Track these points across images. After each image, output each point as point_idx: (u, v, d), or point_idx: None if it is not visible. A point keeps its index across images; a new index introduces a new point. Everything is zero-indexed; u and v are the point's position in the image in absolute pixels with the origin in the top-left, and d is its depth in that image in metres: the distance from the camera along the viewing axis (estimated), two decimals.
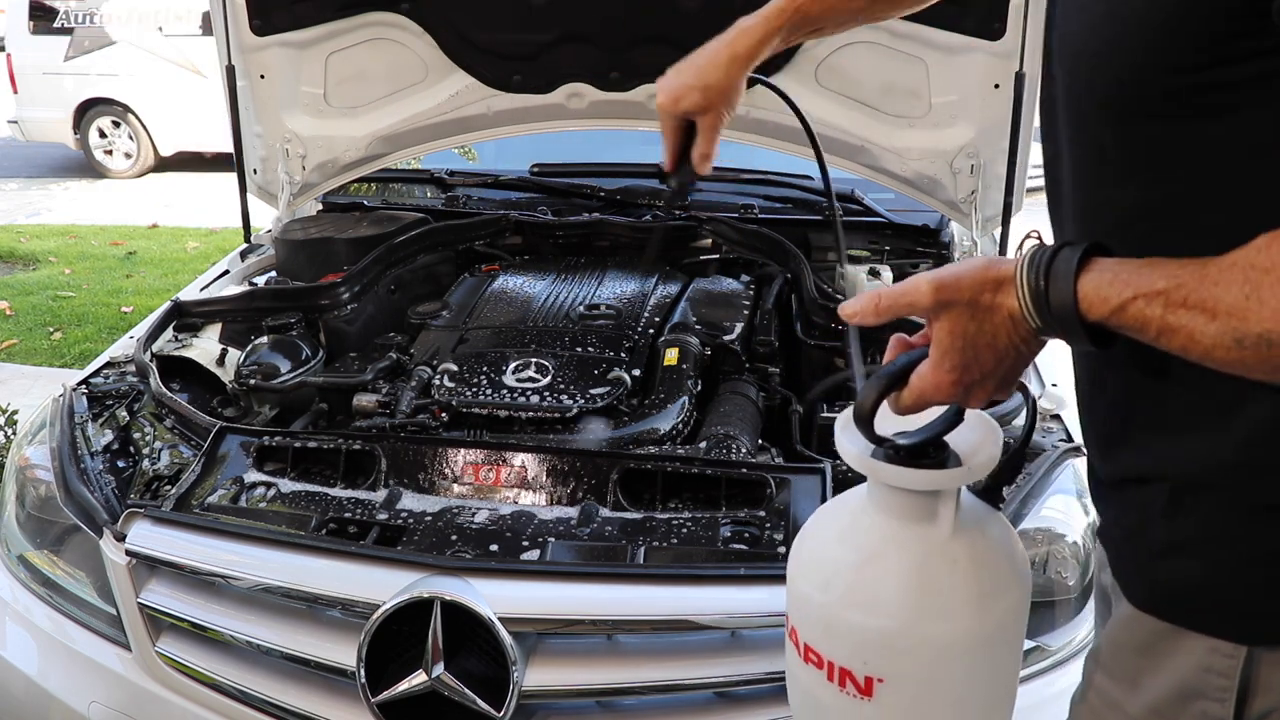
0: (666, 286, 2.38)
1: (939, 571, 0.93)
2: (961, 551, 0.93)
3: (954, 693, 0.95)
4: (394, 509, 1.57)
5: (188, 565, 1.51)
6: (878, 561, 0.94)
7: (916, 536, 0.93)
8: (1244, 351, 0.69)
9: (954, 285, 0.84)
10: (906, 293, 0.86)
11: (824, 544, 1.00)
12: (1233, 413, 0.83)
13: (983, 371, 0.85)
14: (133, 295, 5.63)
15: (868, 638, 0.93)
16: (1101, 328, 0.78)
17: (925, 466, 0.90)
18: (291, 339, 2.14)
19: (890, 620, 0.92)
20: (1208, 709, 0.88)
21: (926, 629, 0.92)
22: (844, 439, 0.94)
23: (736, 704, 1.42)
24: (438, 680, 1.36)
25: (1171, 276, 0.73)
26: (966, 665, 0.95)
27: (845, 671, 0.94)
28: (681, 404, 1.83)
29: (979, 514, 0.98)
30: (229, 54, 2.48)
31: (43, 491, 1.75)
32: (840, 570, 0.96)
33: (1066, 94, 0.90)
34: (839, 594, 0.95)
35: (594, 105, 2.49)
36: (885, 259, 2.54)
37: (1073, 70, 0.88)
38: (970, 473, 0.91)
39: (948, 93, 2.32)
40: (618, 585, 1.40)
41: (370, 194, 3.02)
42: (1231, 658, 0.86)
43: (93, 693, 1.62)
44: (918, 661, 0.93)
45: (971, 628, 0.93)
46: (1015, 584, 0.96)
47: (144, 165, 9.14)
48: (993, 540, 0.97)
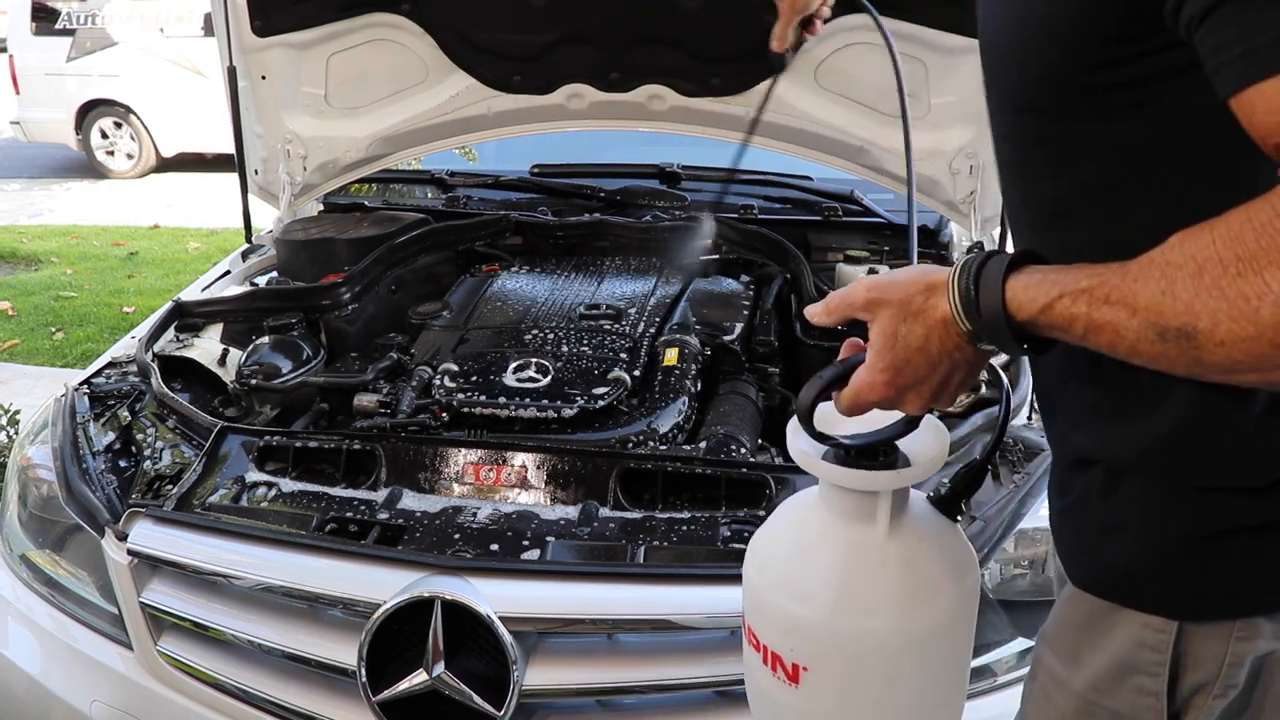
0: (666, 286, 2.39)
1: (868, 570, 0.95)
2: (894, 554, 0.95)
3: (877, 691, 0.97)
4: (395, 509, 1.58)
5: (189, 565, 1.51)
6: (811, 553, 0.97)
7: (852, 534, 0.96)
8: (1166, 344, 0.71)
9: (886, 287, 0.87)
10: (847, 294, 0.90)
11: (773, 531, 1.04)
12: (1161, 398, 0.85)
13: (915, 376, 0.87)
14: (134, 295, 5.63)
15: (793, 624, 0.96)
16: (1031, 330, 0.79)
17: (865, 468, 0.92)
18: (292, 339, 2.15)
19: (812, 610, 0.94)
20: (1143, 683, 0.91)
21: (847, 624, 0.94)
22: (794, 437, 0.96)
23: (736, 704, 1.42)
24: (438, 679, 1.36)
25: (1094, 275, 0.75)
26: (889, 665, 0.96)
27: (776, 656, 0.98)
28: (681, 404, 1.83)
29: (927, 522, 0.99)
30: (230, 55, 2.49)
31: (45, 491, 1.76)
32: (778, 556, 1.00)
33: (990, 90, 0.94)
34: (772, 578, 0.98)
35: (594, 106, 2.49)
36: (885, 259, 2.54)
37: (992, 67, 0.93)
38: (900, 477, 0.93)
39: (947, 94, 2.33)
40: (618, 585, 1.40)
41: (371, 194, 3.02)
42: (1163, 633, 0.89)
43: (95, 692, 1.62)
44: (838, 654, 0.95)
45: (895, 629, 0.94)
46: (950, 593, 0.96)
47: (145, 166, 9.14)
48: (932, 548, 0.97)
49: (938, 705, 1.02)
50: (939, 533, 0.99)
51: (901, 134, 2.41)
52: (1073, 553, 0.98)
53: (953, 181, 2.43)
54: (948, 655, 1.00)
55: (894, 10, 2.20)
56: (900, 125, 2.40)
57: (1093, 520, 0.94)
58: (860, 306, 0.88)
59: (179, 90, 8.52)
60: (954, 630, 0.99)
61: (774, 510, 1.07)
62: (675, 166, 2.85)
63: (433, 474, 1.64)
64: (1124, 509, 0.91)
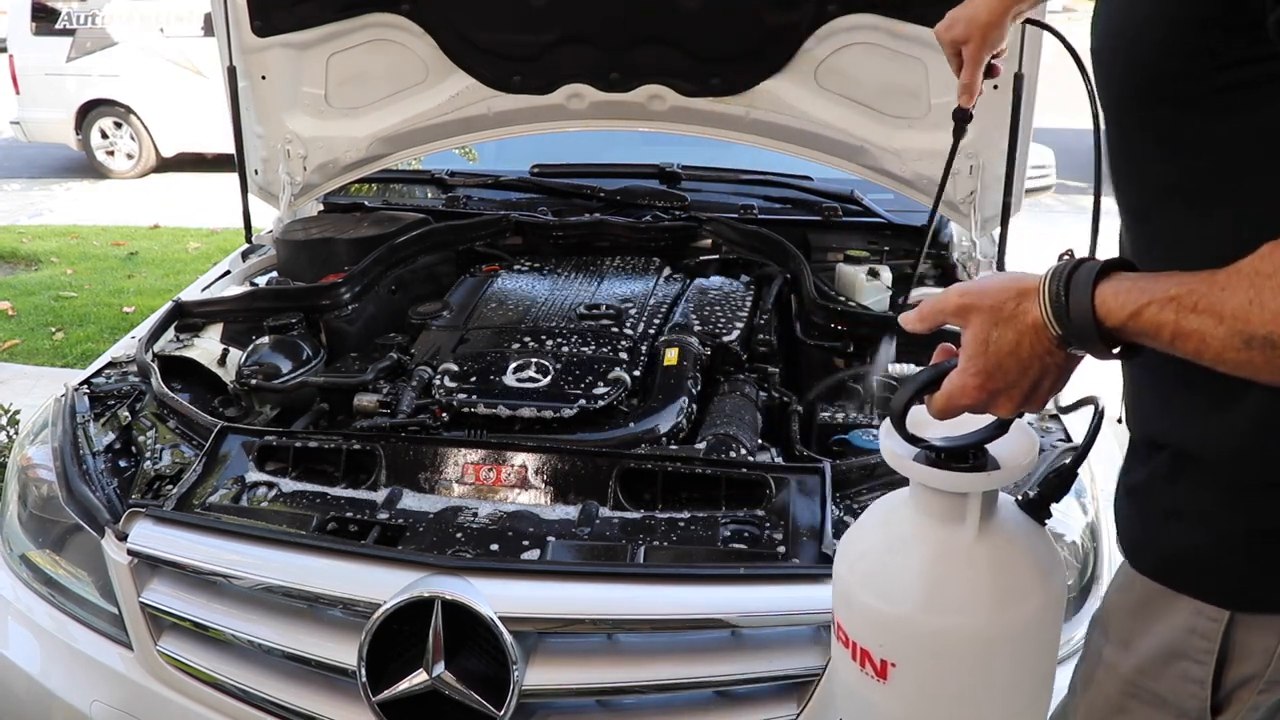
0: (666, 287, 2.39)
1: (957, 570, 0.97)
2: (984, 555, 0.97)
3: (963, 688, 0.99)
4: (395, 509, 1.58)
5: (189, 565, 1.51)
6: (901, 552, 1.00)
7: (942, 534, 0.98)
8: (1251, 353, 0.73)
9: (978, 293, 0.90)
10: (939, 300, 0.92)
11: (864, 529, 1.07)
12: (1237, 394, 0.86)
13: (1006, 380, 0.89)
14: (134, 295, 5.63)
15: (882, 621, 0.99)
16: (1120, 335, 0.82)
17: (956, 470, 0.95)
18: (292, 339, 2.15)
19: (901, 607, 0.97)
20: (1189, 670, 0.93)
21: (935, 621, 0.96)
22: (886, 438, 0.99)
23: (736, 704, 1.42)
24: (438, 679, 1.36)
25: (1183, 283, 0.77)
26: (974, 663, 0.98)
27: (865, 652, 1.00)
28: (681, 404, 1.83)
29: (1016, 524, 1.01)
30: (230, 55, 2.49)
31: (45, 491, 1.76)
32: (868, 554, 1.03)
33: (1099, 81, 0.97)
34: (861, 576, 1.01)
35: (594, 106, 2.49)
36: (884, 259, 2.54)
37: (1102, 60, 0.95)
38: (990, 479, 0.95)
39: (947, 93, 2.32)
40: (618, 585, 1.40)
41: (371, 194, 3.02)
42: (1215, 621, 0.91)
43: (95, 692, 1.62)
44: (926, 651, 0.98)
45: (982, 627, 0.96)
46: (1038, 595, 0.98)
47: (145, 166, 9.14)
48: (1020, 549, 0.99)
49: (1022, 704, 1.04)
50: (1027, 535, 1.01)
51: (901, 134, 2.43)
52: (1133, 535, 1.00)
53: (953, 181, 2.42)
54: (1033, 655, 1.02)
55: (894, 10, 2.21)
56: (900, 125, 2.42)
57: (1155, 503, 0.96)
58: (952, 312, 0.91)
59: (179, 90, 8.52)
60: (1040, 630, 1.01)
61: (867, 509, 1.09)
62: (675, 166, 2.85)
63: (433, 474, 1.64)
64: (1190, 496, 0.93)
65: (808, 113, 2.43)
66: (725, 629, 1.40)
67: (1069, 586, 1.54)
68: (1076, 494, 1.60)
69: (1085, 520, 1.57)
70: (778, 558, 1.43)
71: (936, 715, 1.01)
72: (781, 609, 1.37)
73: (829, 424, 1.84)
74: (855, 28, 2.27)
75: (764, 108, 2.42)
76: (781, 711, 1.40)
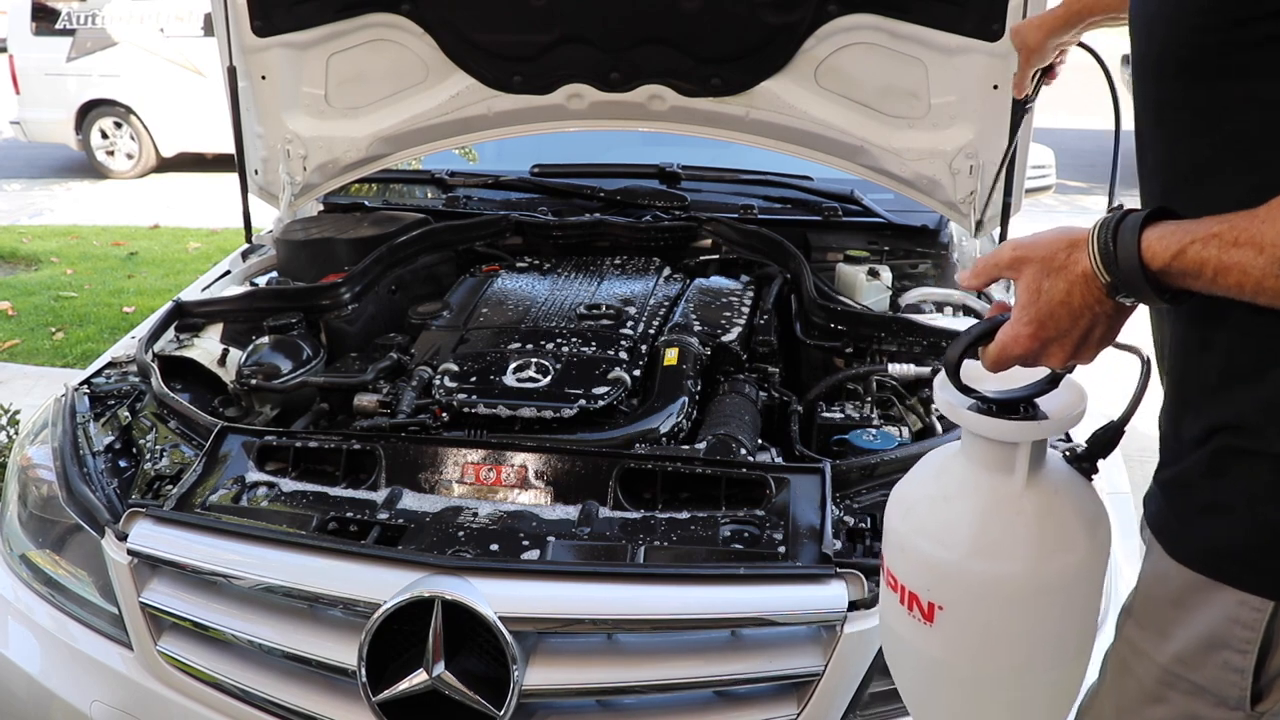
0: (666, 287, 2.39)
1: (1005, 518, 1.01)
2: (1031, 504, 1.00)
3: (1008, 632, 1.02)
4: (395, 509, 1.58)
5: (189, 565, 1.51)
6: (954, 500, 1.04)
7: (992, 483, 1.02)
8: None
9: (1030, 246, 0.92)
10: (994, 254, 0.96)
11: (916, 480, 1.11)
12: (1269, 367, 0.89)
13: (1058, 329, 0.91)
14: (134, 295, 5.63)
15: (932, 565, 1.03)
16: (1166, 279, 0.84)
17: (1007, 419, 0.98)
18: (292, 339, 2.15)
19: (952, 552, 1.01)
20: (1230, 659, 0.94)
21: (983, 566, 1.00)
22: (941, 390, 1.02)
23: (736, 704, 1.42)
24: (438, 679, 1.36)
25: (1223, 221, 0.80)
26: (1020, 609, 1.01)
27: (913, 596, 1.05)
28: (681, 404, 1.83)
29: (1063, 477, 1.04)
30: (230, 55, 2.49)
31: (45, 491, 1.76)
32: (920, 502, 1.07)
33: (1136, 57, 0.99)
34: (915, 523, 1.05)
35: (594, 106, 2.49)
36: (884, 259, 2.55)
37: (1139, 36, 0.98)
38: (1040, 429, 0.98)
39: (947, 93, 2.33)
40: (618, 585, 1.40)
41: (371, 195, 3.02)
42: (1259, 611, 0.92)
43: (95, 691, 1.62)
44: (972, 595, 1.01)
45: (1026, 574, 0.99)
46: (1083, 545, 1.01)
47: (146, 166, 9.14)
48: (1067, 500, 1.02)
49: (1065, 655, 1.06)
50: (1074, 487, 1.04)
51: (901, 134, 2.43)
52: (1172, 529, 1.00)
53: (953, 181, 2.43)
54: (1078, 603, 1.05)
55: (894, 10, 2.21)
56: (900, 125, 2.42)
57: (1196, 498, 0.97)
58: (1006, 265, 0.94)
59: (179, 90, 8.52)
60: (1085, 579, 1.03)
61: (916, 463, 1.13)
62: (675, 166, 2.85)
63: (433, 474, 1.64)
64: (1233, 489, 0.93)
65: (808, 113, 2.43)
66: (725, 629, 1.40)
67: None
68: None
69: None
70: (778, 558, 1.43)
71: (980, 657, 1.04)
72: (781, 609, 1.37)
73: (829, 424, 1.84)
74: (855, 28, 2.27)
75: (764, 108, 2.42)
76: (781, 711, 1.40)
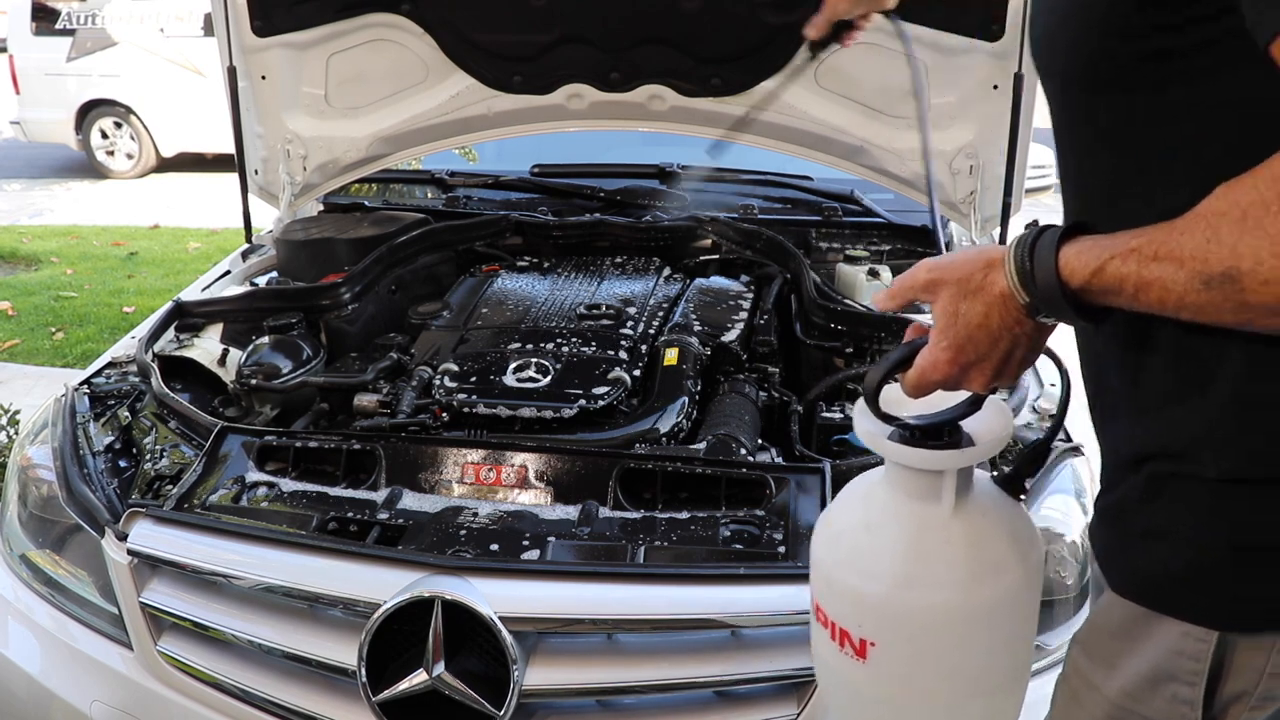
0: (666, 287, 2.39)
1: (933, 546, 0.97)
2: (959, 531, 0.97)
3: (943, 665, 0.99)
4: (395, 509, 1.58)
5: (189, 565, 1.51)
6: (879, 530, 1.00)
7: (917, 512, 0.98)
8: (1211, 293, 0.72)
9: (946, 267, 0.89)
10: (908, 276, 0.92)
11: (840, 510, 1.07)
12: (1201, 389, 0.86)
13: (978, 353, 0.88)
14: (134, 295, 5.63)
15: (861, 600, 0.98)
16: (1086, 297, 0.81)
17: (931, 448, 0.94)
18: (292, 339, 2.14)
19: (879, 586, 0.96)
20: (1179, 692, 0.91)
21: (913, 598, 0.96)
22: (861, 418, 0.98)
23: (736, 704, 1.42)
24: (438, 679, 1.36)
25: (1141, 234, 0.77)
26: (954, 639, 0.97)
27: (844, 632, 1.00)
28: (681, 404, 1.83)
29: (991, 500, 1.01)
30: (230, 55, 2.49)
31: (45, 491, 1.76)
32: (845, 534, 1.03)
33: (1041, 73, 0.96)
34: (839, 556, 1.01)
35: (594, 106, 2.49)
36: (884, 259, 2.54)
37: (1038, 52, 0.94)
38: (964, 456, 0.94)
39: (946, 94, 2.33)
40: (618, 585, 1.40)
41: (371, 194, 3.02)
42: (1203, 642, 0.89)
43: (95, 691, 1.62)
44: (904, 629, 0.97)
45: (958, 603, 0.96)
46: (1014, 569, 0.98)
47: (145, 166, 9.15)
48: (995, 524, 0.99)
49: (1002, 680, 1.03)
50: (1003, 510, 1.01)
51: (901, 134, 2.43)
52: (1112, 557, 0.97)
53: (953, 181, 2.43)
54: (1012, 630, 1.02)
55: (894, 10, 2.21)
56: (900, 125, 2.42)
57: (1133, 524, 0.94)
58: (921, 287, 0.91)
59: (179, 90, 8.53)
60: (1018, 605, 1.00)
61: (842, 490, 1.09)
62: (675, 166, 2.85)
63: (433, 474, 1.64)
64: (1169, 514, 0.90)
65: (808, 112, 2.44)
66: (725, 629, 1.40)
67: (1068, 586, 1.55)
68: (1076, 494, 1.60)
69: (1085, 520, 1.57)
70: (778, 558, 1.43)
71: (917, 692, 1.01)
72: (781, 609, 1.37)
73: (829, 424, 1.84)
74: None
75: (764, 108, 2.42)
76: (781, 711, 1.40)
